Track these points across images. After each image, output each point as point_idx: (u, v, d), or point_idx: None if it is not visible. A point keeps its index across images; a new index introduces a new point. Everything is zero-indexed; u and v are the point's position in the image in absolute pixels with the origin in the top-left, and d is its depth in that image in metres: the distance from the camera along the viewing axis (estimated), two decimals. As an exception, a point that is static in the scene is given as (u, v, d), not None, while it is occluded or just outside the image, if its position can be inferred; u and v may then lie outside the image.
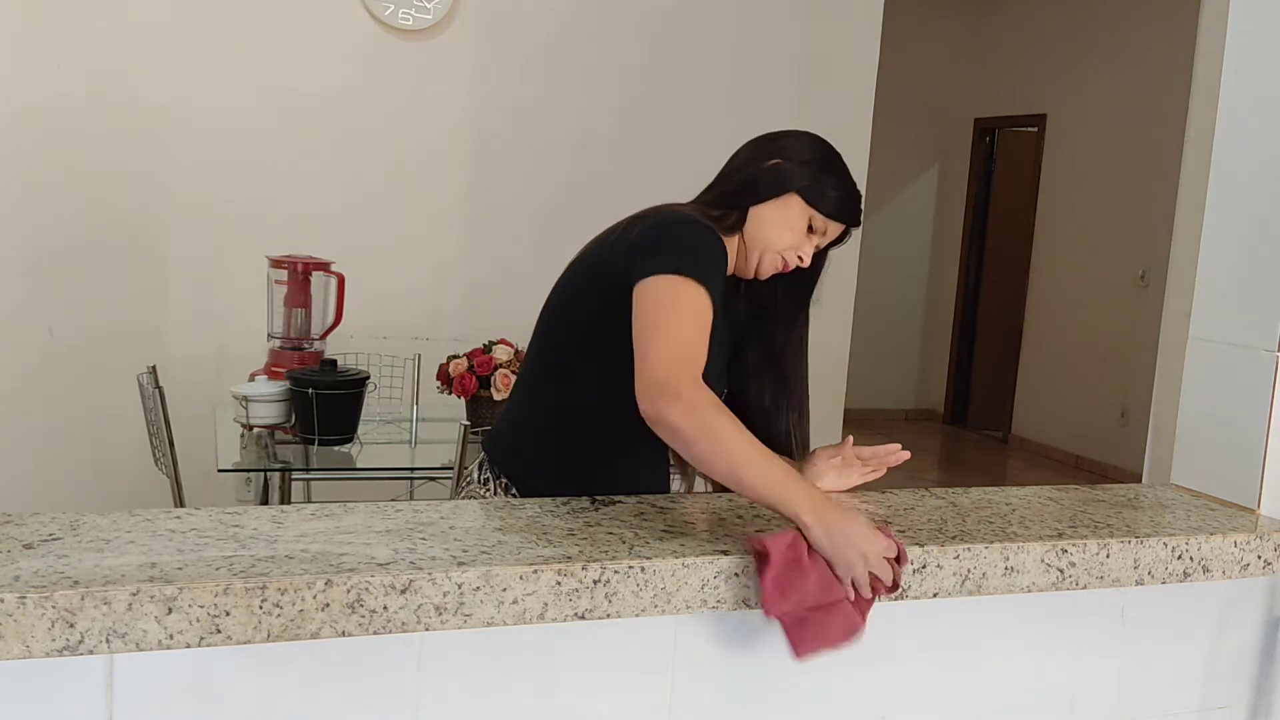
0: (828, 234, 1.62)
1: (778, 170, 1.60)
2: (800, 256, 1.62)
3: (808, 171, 1.60)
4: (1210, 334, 1.72)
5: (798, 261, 1.62)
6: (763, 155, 1.63)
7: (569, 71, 4.39)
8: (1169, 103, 6.05)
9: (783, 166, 1.60)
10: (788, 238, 1.60)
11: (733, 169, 1.66)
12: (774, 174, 1.60)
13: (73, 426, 3.95)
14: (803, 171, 1.60)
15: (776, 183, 1.60)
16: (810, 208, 1.59)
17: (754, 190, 1.61)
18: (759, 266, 1.62)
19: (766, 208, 1.59)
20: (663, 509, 1.42)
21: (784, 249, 1.60)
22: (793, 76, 4.69)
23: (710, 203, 1.63)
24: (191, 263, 4.02)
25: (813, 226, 1.61)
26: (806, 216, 1.60)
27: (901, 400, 8.56)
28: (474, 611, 1.13)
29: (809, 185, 1.59)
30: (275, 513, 1.27)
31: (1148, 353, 4.36)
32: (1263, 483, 1.61)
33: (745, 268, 1.64)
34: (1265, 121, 1.65)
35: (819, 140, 1.65)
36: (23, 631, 0.98)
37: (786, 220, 1.59)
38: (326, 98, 4.11)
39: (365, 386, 3.04)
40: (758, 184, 1.61)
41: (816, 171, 1.60)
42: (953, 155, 8.39)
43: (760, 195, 1.60)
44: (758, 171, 1.62)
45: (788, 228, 1.59)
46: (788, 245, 1.60)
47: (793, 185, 1.59)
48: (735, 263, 1.63)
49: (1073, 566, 1.39)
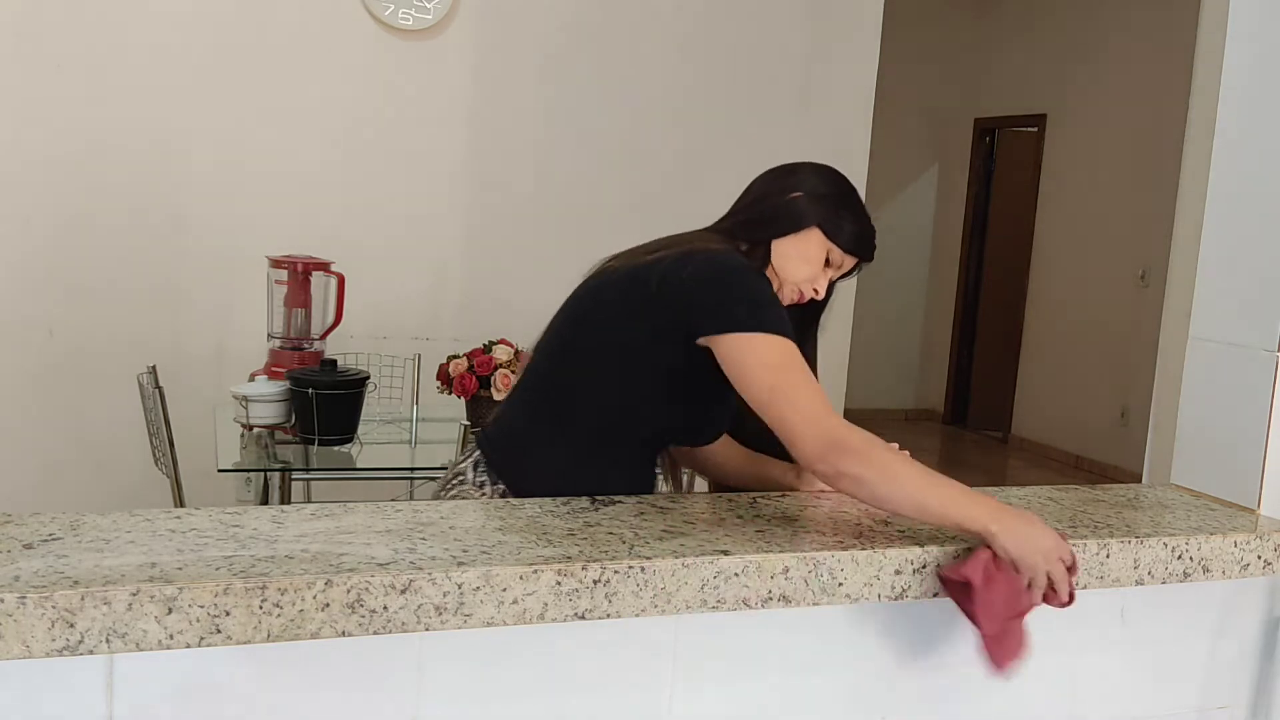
0: (843, 267, 1.65)
1: (797, 204, 1.62)
2: (816, 289, 1.64)
3: (826, 205, 1.62)
4: (1210, 334, 1.72)
5: (813, 294, 1.64)
6: (781, 188, 1.64)
7: (569, 72, 4.39)
8: (1169, 103, 6.05)
9: (801, 200, 1.62)
10: (805, 271, 1.62)
11: (750, 201, 1.68)
12: (794, 208, 1.62)
13: (73, 426, 3.95)
14: (821, 206, 1.61)
15: (797, 217, 1.61)
16: (829, 241, 1.61)
17: (775, 223, 1.62)
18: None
19: (788, 242, 1.61)
20: (663, 509, 1.42)
21: (801, 282, 1.62)
22: (793, 76, 4.69)
23: (734, 234, 1.64)
24: (191, 262, 4.02)
25: (830, 260, 1.63)
26: (825, 250, 1.61)
27: (901, 400, 8.56)
28: (474, 611, 1.13)
29: (828, 219, 1.61)
30: (275, 513, 1.27)
31: (1148, 353, 4.36)
32: (1263, 483, 1.61)
33: None
34: (1265, 121, 1.65)
35: (835, 173, 1.67)
36: (23, 631, 0.98)
37: (806, 254, 1.61)
38: (327, 98, 4.11)
39: (365, 386, 3.04)
40: (778, 217, 1.62)
41: (834, 205, 1.62)
42: (953, 155, 8.40)
43: (782, 229, 1.61)
44: (776, 205, 1.63)
45: (806, 261, 1.61)
46: (805, 278, 1.62)
47: (813, 219, 1.61)
48: None
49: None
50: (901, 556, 1.31)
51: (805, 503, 1.52)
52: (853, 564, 1.28)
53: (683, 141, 4.46)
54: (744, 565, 1.24)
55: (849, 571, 1.28)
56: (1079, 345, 7.23)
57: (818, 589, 1.27)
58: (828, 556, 1.27)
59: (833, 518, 1.45)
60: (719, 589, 1.23)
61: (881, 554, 1.30)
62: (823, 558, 1.27)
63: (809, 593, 1.27)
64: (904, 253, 8.46)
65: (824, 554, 1.27)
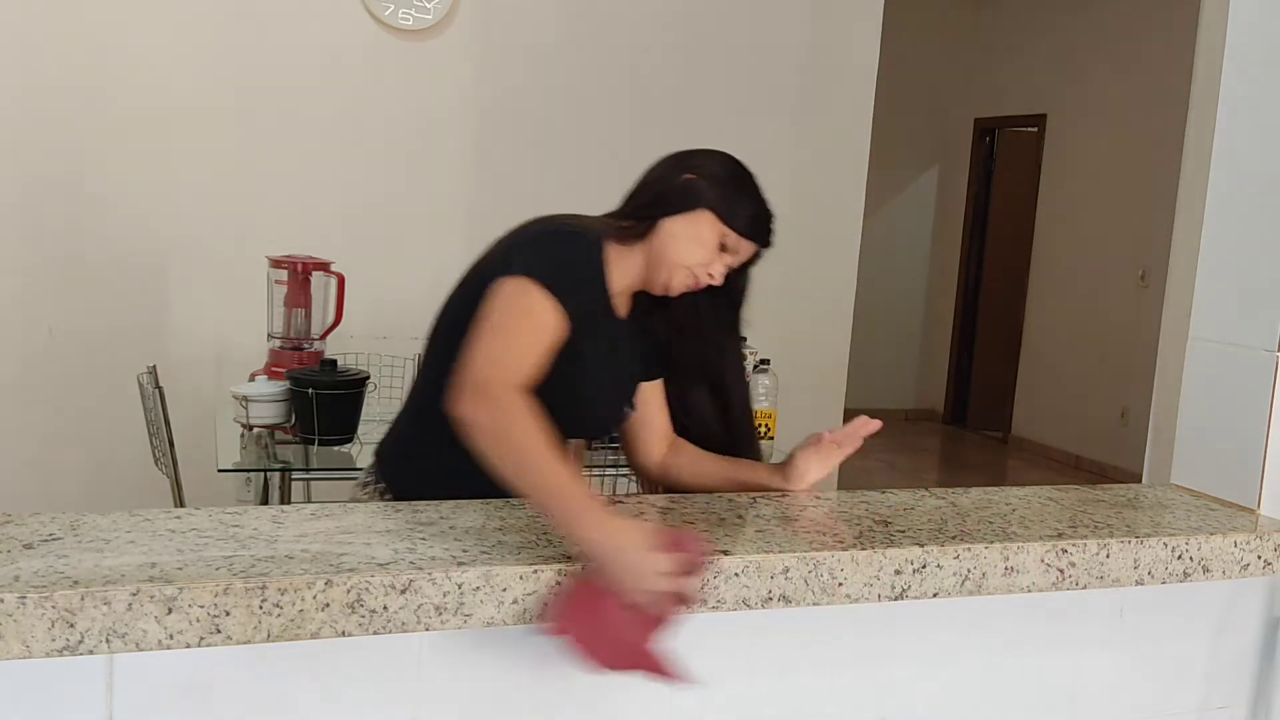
0: (739, 253, 1.61)
1: (691, 185, 1.60)
2: (711, 274, 1.61)
3: (720, 188, 1.60)
4: (1210, 334, 1.72)
5: (709, 279, 1.61)
6: (677, 170, 1.63)
7: (569, 72, 4.38)
8: (1169, 103, 6.05)
9: (696, 183, 1.60)
10: (699, 254, 1.59)
11: (647, 183, 1.66)
12: (687, 189, 1.60)
13: (73, 426, 3.95)
14: (716, 189, 1.59)
15: (689, 198, 1.59)
16: (722, 224, 1.58)
17: (666, 203, 1.60)
18: (669, 282, 1.61)
19: (678, 222, 1.59)
20: (663, 509, 1.42)
21: (694, 265, 1.59)
22: (793, 76, 4.69)
23: (622, 214, 1.64)
24: (191, 263, 4.02)
25: (725, 245, 1.60)
26: (718, 233, 1.59)
27: (901, 400, 8.56)
28: (474, 611, 1.13)
29: (721, 202, 1.59)
30: (275, 513, 1.27)
31: (1148, 353, 4.35)
32: (1263, 483, 1.61)
33: (654, 282, 1.62)
34: (1265, 121, 1.65)
35: (733, 160, 1.65)
36: (23, 631, 0.98)
37: (698, 236, 1.58)
38: (327, 98, 4.11)
39: (365, 386, 3.03)
40: (670, 198, 1.60)
41: (729, 189, 1.60)
42: (953, 155, 8.40)
43: (672, 208, 1.59)
44: (671, 186, 1.61)
45: (699, 243, 1.58)
46: (698, 261, 1.59)
47: (705, 201, 1.59)
48: (642, 276, 1.62)
49: (1073, 566, 1.39)
50: (901, 556, 1.31)
51: (805, 503, 1.52)
52: (853, 564, 1.28)
53: (683, 141, 4.40)
54: (744, 565, 1.24)
55: (849, 571, 1.28)
56: (1079, 345, 7.23)
57: (818, 589, 1.27)
58: (828, 556, 1.27)
59: (833, 518, 1.45)
60: (719, 589, 1.23)
61: (881, 554, 1.30)
62: (823, 558, 1.27)
63: (809, 593, 1.27)
64: (904, 253, 8.46)
65: (824, 554, 1.27)
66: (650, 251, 1.60)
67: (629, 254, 1.60)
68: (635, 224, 1.60)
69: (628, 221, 1.61)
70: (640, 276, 1.62)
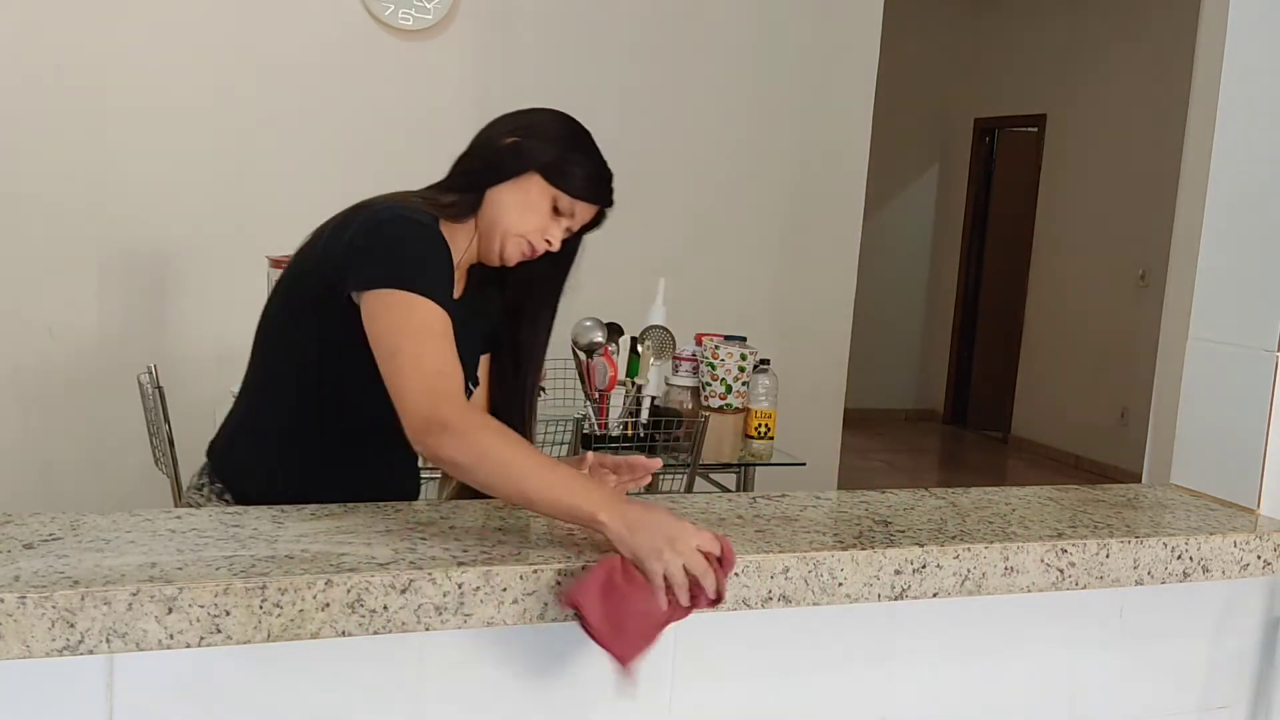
0: (577, 216, 1.51)
1: (516, 148, 1.49)
2: (548, 240, 1.50)
3: (550, 149, 1.48)
4: (1210, 334, 1.72)
5: (545, 246, 1.51)
6: (501, 133, 1.52)
7: (569, 72, 4.38)
8: (1169, 103, 6.05)
9: (522, 144, 1.49)
10: (531, 220, 1.48)
11: (472, 149, 1.55)
12: (512, 152, 1.49)
13: (73, 426, 3.95)
14: (545, 149, 1.48)
15: (515, 161, 1.48)
16: (553, 188, 1.48)
17: (491, 170, 1.50)
18: (503, 252, 1.51)
19: (504, 189, 1.48)
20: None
21: (527, 232, 1.49)
22: (793, 76, 4.69)
23: (443, 187, 1.53)
24: (191, 262, 4.02)
25: (559, 208, 1.49)
26: (550, 197, 1.48)
27: (901, 400, 8.57)
28: (474, 611, 1.13)
29: (551, 163, 1.47)
30: (275, 513, 1.27)
31: (1148, 353, 4.35)
32: (1263, 483, 1.61)
33: (489, 254, 1.52)
34: (1265, 121, 1.65)
35: (565, 117, 1.53)
36: (23, 631, 0.98)
37: (527, 202, 1.48)
38: (327, 98, 4.11)
39: (365, 386, 3.03)
40: (494, 163, 1.50)
41: (561, 149, 1.49)
42: (953, 155, 8.40)
43: (498, 175, 1.49)
44: (495, 150, 1.51)
45: (529, 209, 1.48)
46: (531, 228, 1.49)
47: (533, 163, 1.48)
48: (477, 250, 1.53)
49: (1072, 566, 1.39)
50: (901, 556, 1.31)
51: (805, 503, 1.52)
52: (853, 564, 1.28)
53: (683, 141, 4.46)
54: (744, 565, 1.24)
55: (849, 571, 1.28)
56: (1079, 345, 7.23)
57: (818, 589, 1.27)
58: (828, 556, 1.27)
59: (833, 518, 1.45)
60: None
61: (881, 554, 1.30)
62: (823, 558, 1.27)
63: (809, 593, 1.27)
64: (904, 253, 8.46)
65: (824, 554, 1.27)
66: (481, 222, 1.51)
67: (461, 230, 1.51)
68: (460, 197, 1.50)
69: (453, 196, 1.50)
70: (474, 250, 1.53)
